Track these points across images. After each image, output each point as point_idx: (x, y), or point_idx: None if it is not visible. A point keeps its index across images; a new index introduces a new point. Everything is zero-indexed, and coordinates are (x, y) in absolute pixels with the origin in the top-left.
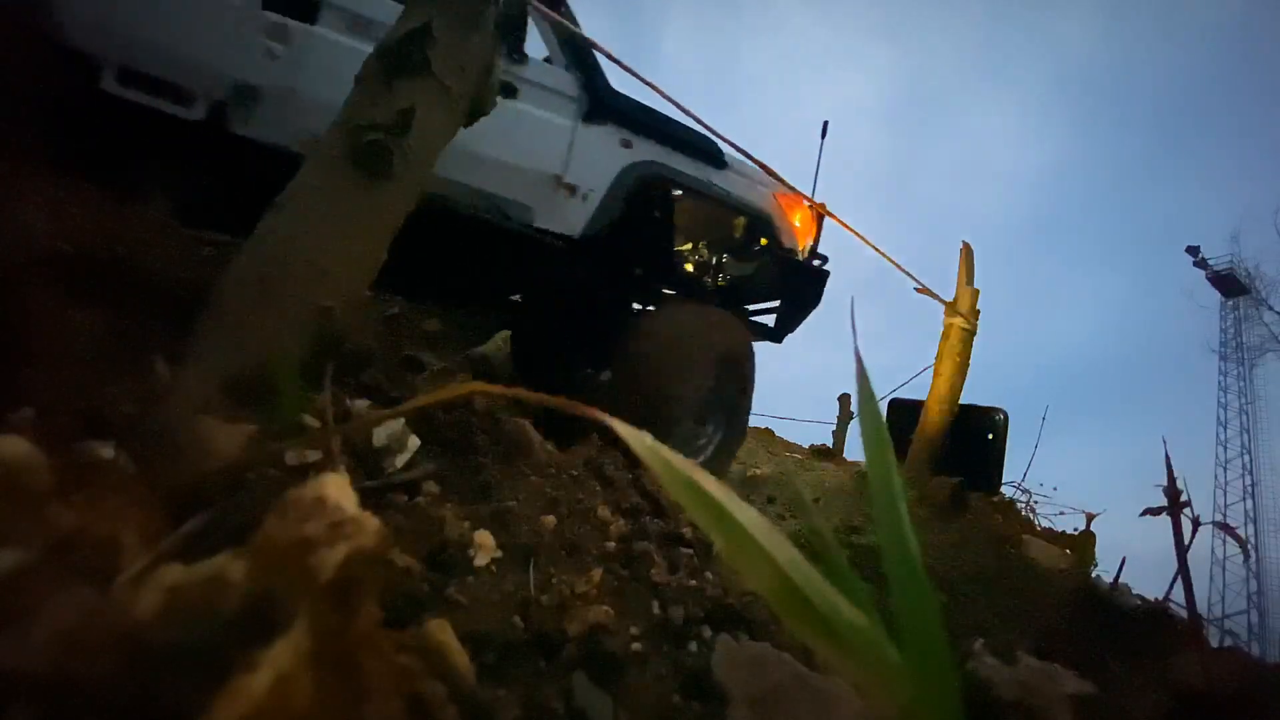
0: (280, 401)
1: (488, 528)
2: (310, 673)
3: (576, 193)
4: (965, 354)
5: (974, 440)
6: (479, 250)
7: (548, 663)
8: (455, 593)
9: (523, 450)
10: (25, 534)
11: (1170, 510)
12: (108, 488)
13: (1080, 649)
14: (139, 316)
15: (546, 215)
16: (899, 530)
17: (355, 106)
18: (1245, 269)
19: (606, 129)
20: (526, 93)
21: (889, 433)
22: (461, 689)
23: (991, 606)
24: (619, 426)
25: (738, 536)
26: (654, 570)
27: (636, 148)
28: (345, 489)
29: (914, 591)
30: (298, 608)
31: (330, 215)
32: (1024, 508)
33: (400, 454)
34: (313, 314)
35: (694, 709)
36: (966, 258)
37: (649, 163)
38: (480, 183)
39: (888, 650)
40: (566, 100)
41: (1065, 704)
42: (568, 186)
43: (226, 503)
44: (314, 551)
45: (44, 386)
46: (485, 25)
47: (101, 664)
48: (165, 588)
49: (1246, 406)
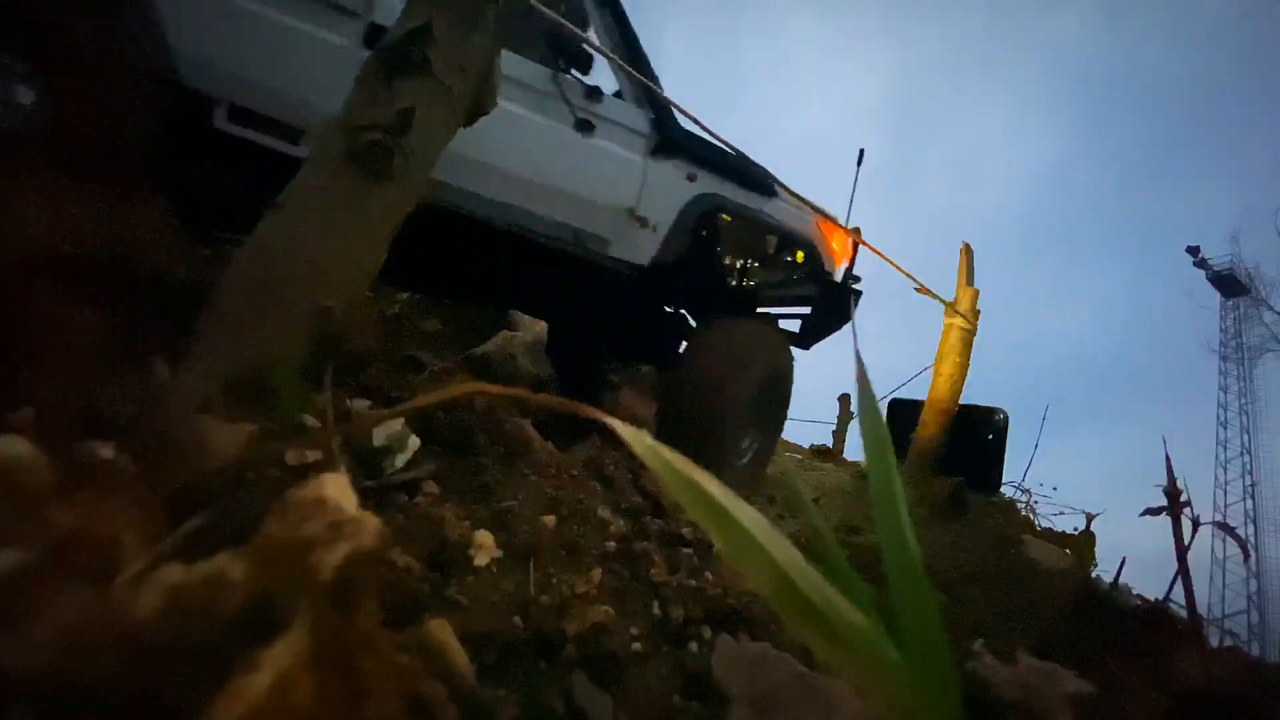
0: (280, 401)
1: (488, 528)
2: (310, 673)
3: (647, 224)
4: (965, 354)
5: (974, 440)
6: (562, 276)
7: (548, 663)
8: (455, 593)
9: (523, 450)
10: (25, 534)
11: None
12: (108, 488)
13: (1080, 649)
14: (139, 316)
15: (621, 245)
16: (899, 530)
17: (355, 106)
18: (1245, 269)
19: (674, 163)
20: (602, 129)
21: (889, 433)
22: (461, 689)
23: (991, 606)
24: (619, 426)
25: (738, 536)
26: (654, 570)
27: (700, 181)
28: (345, 489)
29: (914, 591)
30: (298, 608)
31: (330, 215)
32: (1024, 508)
33: (400, 454)
34: (313, 314)
35: (694, 709)
36: (966, 258)
37: (711, 195)
38: (564, 216)
39: (888, 650)
40: (638, 136)
41: (1065, 704)
42: (640, 219)
43: (226, 503)
44: (314, 551)
45: (44, 386)
46: (485, 25)
47: (101, 664)
48: (165, 588)
49: (1246, 406)
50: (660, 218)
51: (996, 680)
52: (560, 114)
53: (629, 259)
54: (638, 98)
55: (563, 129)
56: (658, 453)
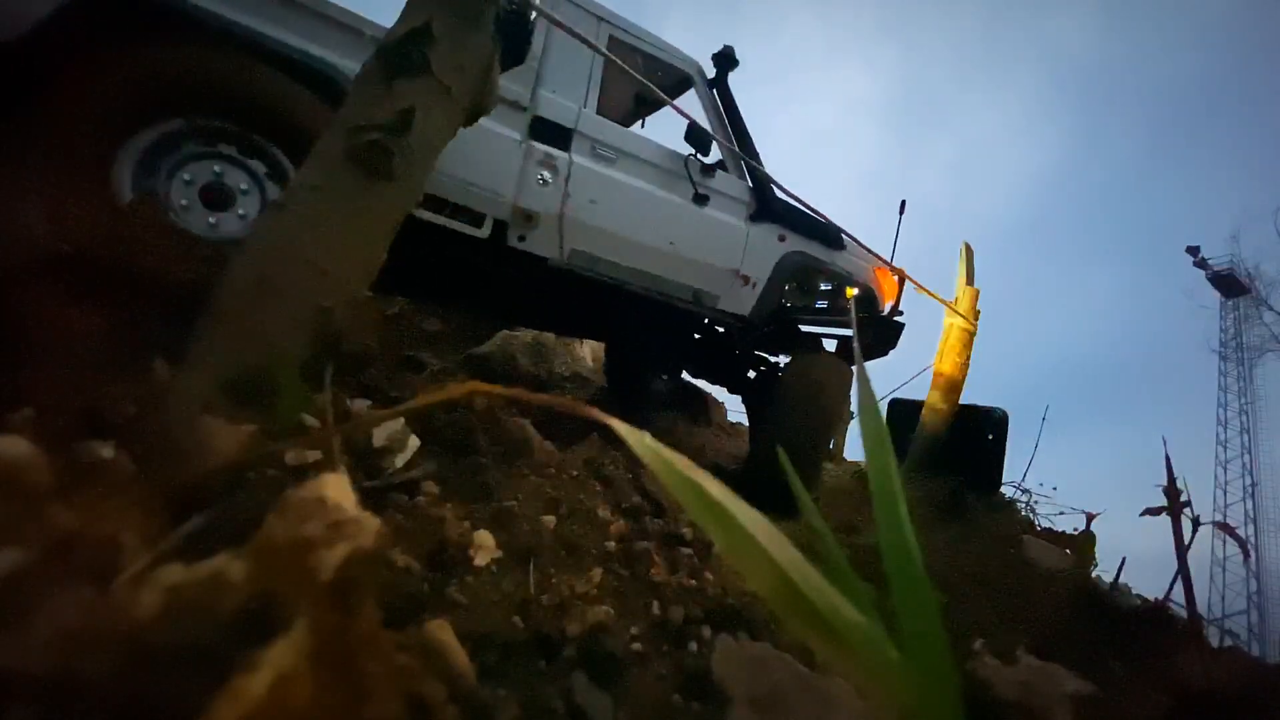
0: (280, 401)
1: (488, 528)
2: (310, 673)
3: (749, 282)
4: (965, 354)
5: (974, 440)
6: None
7: (548, 663)
8: (455, 593)
9: (523, 450)
10: (25, 534)
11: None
12: (108, 488)
13: (1080, 649)
14: (139, 316)
15: (727, 300)
16: (899, 530)
17: (355, 106)
18: (1245, 269)
19: (769, 227)
20: (715, 201)
21: (889, 433)
22: (461, 689)
23: (991, 606)
24: (619, 426)
25: (738, 536)
26: (654, 570)
27: (788, 240)
28: (345, 489)
29: (914, 591)
30: (298, 608)
31: (330, 215)
32: (1024, 508)
33: (400, 454)
34: (313, 314)
35: (694, 709)
36: (967, 258)
37: (798, 253)
38: (686, 279)
39: (888, 650)
40: (742, 205)
41: (1065, 704)
42: (744, 277)
43: (226, 503)
44: (314, 551)
45: (44, 386)
46: (485, 25)
47: (101, 664)
48: (165, 588)
49: (1246, 406)
50: (759, 275)
51: (996, 680)
52: (683, 190)
53: (734, 311)
54: (740, 170)
55: (685, 204)
56: (658, 453)
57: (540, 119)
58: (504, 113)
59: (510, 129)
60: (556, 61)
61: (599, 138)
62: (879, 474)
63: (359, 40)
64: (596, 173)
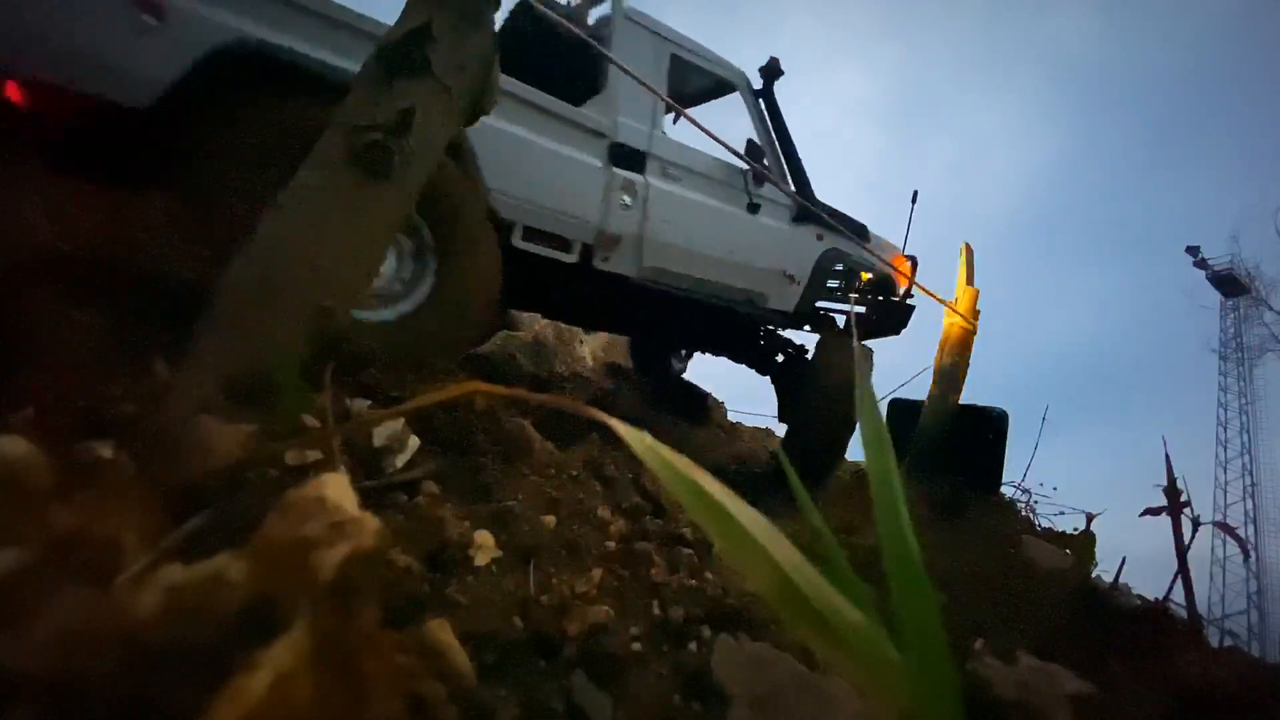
0: (280, 401)
1: (488, 528)
2: (310, 673)
3: (794, 280)
4: (965, 354)
5: (974, 440)
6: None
7: (548, 663)
8: (455, 593)
9: (523, 450)
10: (25, 534)
11: (1170, 510)
12: (108, 488)
13: (1080, 649)
14: (139, 316)
15: (776, 299)
16: (899, 530)
17: (355, 106)
18: (1245, 269)
19: (808, 227)
20: (765, 208)
21: (889, 433)
22: (461, 689)
23: (991, 606)
24: (619, 426)
25: (738, 536)
26: (654, 570)
27: (825, 238)
28: (345, 489)
29: (914, 591)
30: (298, 608)
31: (330, 215)
32: (1024, 508)
33: (400, 454)
34: (313, 314)
35: (694, 709)
36: (967, 258)
37: (833, 249)
38: (742, 283)
39: (888, 650)
40: (785, 209)
41: (1065, 704)
42: (789, 277)
43: (226, 503)
44: (314, 551)
45: (44, 386)
46: (485, 25)
47: (101, 664)
48: (165, 588)
49: (1246, 406)
50: (801, 273)
51: (996, 680)
52: (739, 200)
53: (780, 308)
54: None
55: (741, 213)
56: (658, 453)
57: (618, 144)
58: (587, 140)
59: (593, 157)
60: (630, 87)
61: (668, 158)
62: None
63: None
64: (668, 192)
